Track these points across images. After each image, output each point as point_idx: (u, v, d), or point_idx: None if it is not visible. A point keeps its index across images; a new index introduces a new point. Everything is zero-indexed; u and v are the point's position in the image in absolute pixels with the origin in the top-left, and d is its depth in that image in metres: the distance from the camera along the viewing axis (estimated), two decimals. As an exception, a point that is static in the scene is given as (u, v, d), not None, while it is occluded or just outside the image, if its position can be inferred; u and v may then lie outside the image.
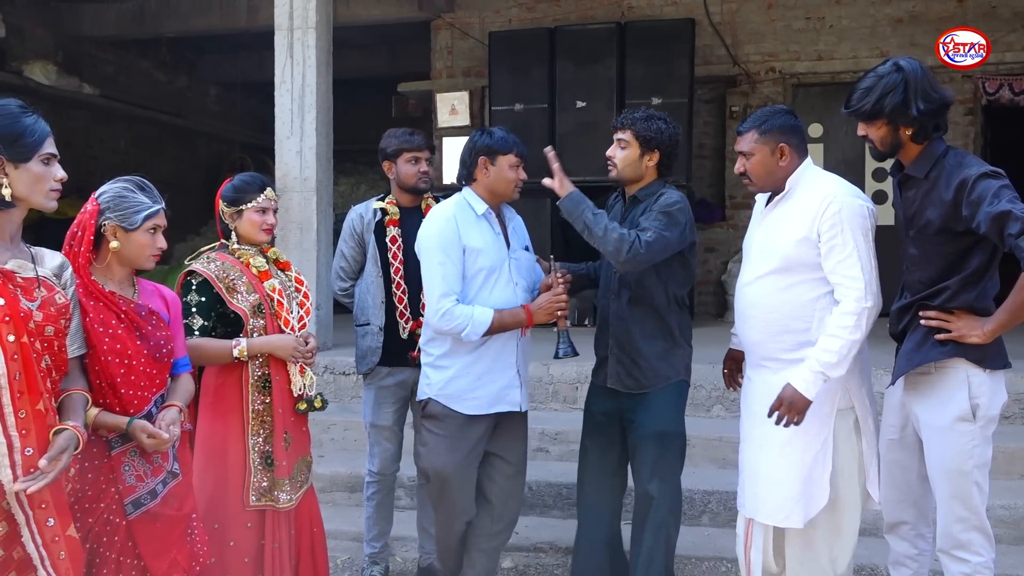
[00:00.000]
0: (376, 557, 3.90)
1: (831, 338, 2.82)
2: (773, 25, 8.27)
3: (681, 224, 3.18)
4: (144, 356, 2.48)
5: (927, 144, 2.77)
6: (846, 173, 9.26)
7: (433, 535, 3.66)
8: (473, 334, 3.13)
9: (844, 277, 2.83)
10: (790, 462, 2.92)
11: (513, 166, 3.26)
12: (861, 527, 4.16)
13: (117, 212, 2.50)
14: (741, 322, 3.11)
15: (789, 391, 2.84)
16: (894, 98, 2.70)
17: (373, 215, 3.76)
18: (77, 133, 10.13)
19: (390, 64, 11.30)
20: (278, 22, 5.91)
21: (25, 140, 2.12)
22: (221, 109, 13.20)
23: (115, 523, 2.41)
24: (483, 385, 3.24)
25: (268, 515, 2.96)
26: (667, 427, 3.29)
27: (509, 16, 8.72)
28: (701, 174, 8.39)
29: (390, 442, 3.83)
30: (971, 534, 2.76)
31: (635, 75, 7.40)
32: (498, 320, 3.15)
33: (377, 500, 3.87)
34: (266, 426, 2.97)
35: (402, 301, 3.70)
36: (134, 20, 9.79)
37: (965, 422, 2.72)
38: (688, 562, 4.07)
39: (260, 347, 2.96)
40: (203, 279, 2.97)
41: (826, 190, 2.90)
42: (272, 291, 3.04)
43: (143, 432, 2.41)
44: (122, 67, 11.31)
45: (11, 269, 2.11)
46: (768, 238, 3.00)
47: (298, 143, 5.88)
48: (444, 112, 8.81)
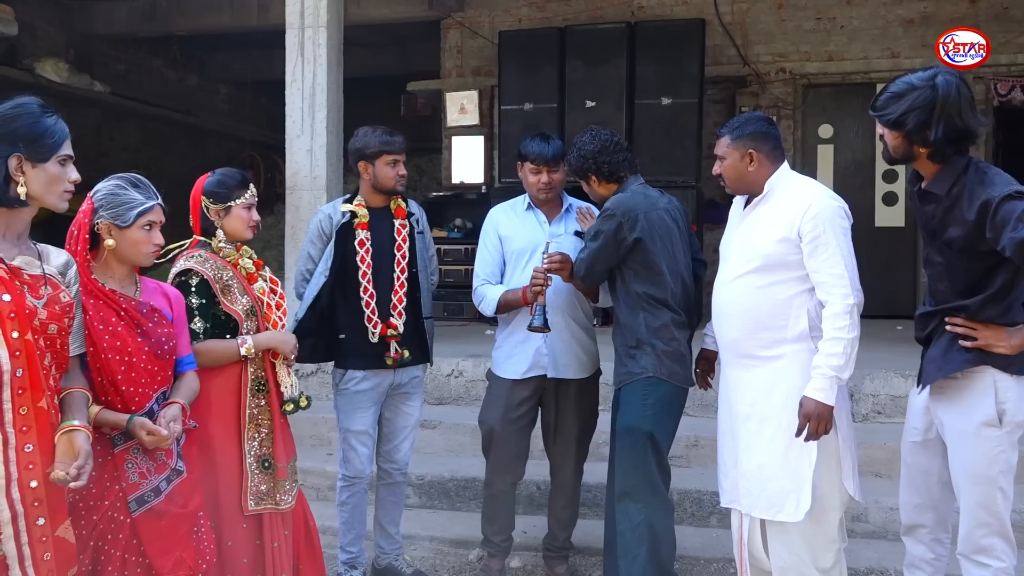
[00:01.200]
0: (354, 561, 3.83)
1: (832, 341, 2.85)
2: (784, 25, 8.24)
3: (610, 226, 3.31)
4: (145, 353, 2.48)
5: (946, 162, 2.73)
6: (856, 174, 9.25)
7: (391, 534, 3.92)
8: (487, 309, 3.69)
9: (829, 275, 2.88)
10: (777, 457, 2.95)
11: (532, 171, 3.65)
12: (870, 529, 4.17)
13: (110, 210, 2.50)
14: (719, 320, 3.16)
15: (810, 404, 2.85)
16: (918, 116, 2.66)
17: (342, 216, 3.66)
18: (88, 131, 10.19)
19: (400, 63, 11.33)
20: (289, 20, 5.92)
21: (45, 141, 2.13)
22: (231, 107, 13.24)
23: (119, 520, 2.42)
24: (517, 354, 3.66)
25: (266, 517, 2.92)
26: (631, 423, 3.33)
27: (519, 15, 8.72)
28: (710, 175, 8.35)
29: (365, 446, 3.75)
30: (993, 539, 2.74)
31: (645, 75, 7.39)
32: (503, 298, 3.62)
33: (352, 504, 3.79)
34: (262, 429, 2.94)
35: (369, 306, 3.61)
36: (145, 18, 9.83)
37: (991, 427, 2.71)
38: (696, 563, 4.06)
39: (265, 343, 2.93)
40: (202, 279, 2.89)
41: (804, 193, 2.98)
42: (262, 293, 3.00)
43: (142, 429, 2.40)
44: (133, 65, 11.36)
45: (18, 266, 2.12)
46: (747, 238, 3.06)
47: (308, 141, 5.88)
48: (453, 111, 8.81)
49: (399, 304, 3.67)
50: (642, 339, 3.34)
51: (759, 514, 3.01)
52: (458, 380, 5.46)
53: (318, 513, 4.38)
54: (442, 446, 5.07)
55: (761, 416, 2.99)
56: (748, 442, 3.03)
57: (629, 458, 3.34)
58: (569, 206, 3.77)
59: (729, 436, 3.14)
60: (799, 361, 2.94)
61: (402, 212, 3.74)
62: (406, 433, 3.85)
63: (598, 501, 4.47)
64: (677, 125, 7.27)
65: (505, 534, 3.88)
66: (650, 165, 7.32)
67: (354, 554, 3.83)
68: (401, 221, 3.73)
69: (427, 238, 3.90)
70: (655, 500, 3.32)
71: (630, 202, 3.36)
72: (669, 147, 7.18)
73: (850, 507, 3.12)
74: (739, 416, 3.06)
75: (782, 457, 2.94)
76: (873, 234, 7.68)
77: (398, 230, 3.71)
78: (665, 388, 3.35)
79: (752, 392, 3.02)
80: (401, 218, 3.73)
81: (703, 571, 4.05)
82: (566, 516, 3.85)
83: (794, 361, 2.95)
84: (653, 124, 7.25)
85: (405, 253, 3.70)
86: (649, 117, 7.29)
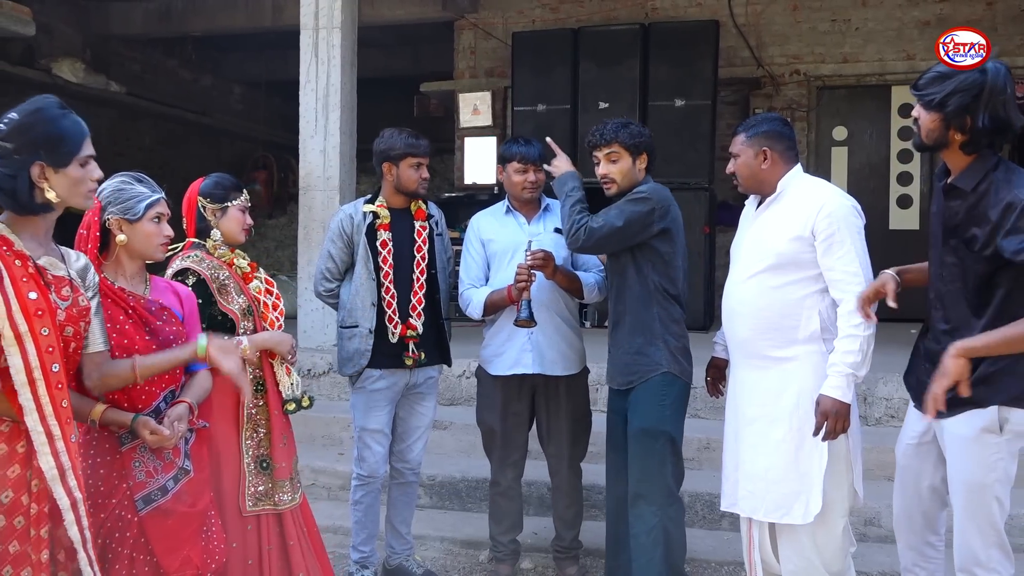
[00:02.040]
0: (365, 561, 3.83)
1: (848, 339, 2.83)
2: (798, 27, 8.21)
3: (643, 208, 3.27)
4: (152, 351, 2.48)
5: (977, 156, 2.65)
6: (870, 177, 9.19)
7: (403, 535, 3.91)
8: (475, 312, 3.71)
9: (844, 273, 2.86)
10: (786, 460, 2.93)
11: (517, 171, 3.70)
12: (883, 534, 4.14)
13: (118, 205, 2.51)
14: (730, 320, 3.13)
15: (827, 402, 2.83)
16: (961, 99, 2.58)
17: (363, 217, 3.69)
18: (103, 130, 10.24)
19: (413, 64, 11.35)
20: (303, 21, 5.94)
21: (65, 147, 2.13)
22: (245, 108, 13.30)
23: (127, 519, 2.42)
24: (504, 351, 3.71)
25: (263, 519, 2.93)
26: (649, 424, 3.29)
27: (532, 17, 8.72)
28: (723, 176, 8.31)
29: (380, 445, 3.76)
30: (990, 551, 2.66)
31: (658, 76, 7.37)
32: (489, 299, 3.67)
33: (366, 503, 3.80)
34: (260, 429, 2.96)
35: (391, 305, 3.64)
36: (160, 19, 9.89)
37: (991, 433, 2.63)
38: (708, 566, 4.05)
39: (262, 343, 2.94)
40: (200, 279, 2.91)
41: (817, 192, 2.99)
42: (258, 292, 3.03)
43: (145, 428, 2.40)
44: (148, 65, 11.42)
45: (43, 265, 2.14)
46: (760, 238, 3.05)
47: (322, 142, 5.90)
48: (466, 112, 8.83)
49: (418, 305, 3.69)
50: (655, 333, 3.32)
51: (764, 517, 2.99)
52: (470, 381, 5.46)
53: (329, 513, 4.43)
54: (453, 447, 5.08)
55: (770, 418, 2.97)
56: (753, 444, 3.01)
57: (646, 460, 3.30)
58: (547, 206, 3.81)
59: (732, 439, 3.12)
60: (811, 363, 2.92)
61: (423, 214, 3.76)
62: (419, 433, 3.86)
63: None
64: (690, 127, 7.25)
65: (512, 535, 3.88)
66: (663, 167, 7.22)
67: (366, 553, 3.83)
68: (421, 223, 3.75)
69: (445, 240, 3.91)
70: (669, 502, 3.31)
71: (664, 192, 3.37)
72: (682, 149, 7.16)
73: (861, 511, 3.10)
74: (745, 418, 3.05)
75: (792, 459, 2.92)
76: (887, 237, 7.66)
77: (419, 232, 3.73)
78: (679, 386, 3.34)
79: (762, 394, 3.00)
80: (422, 220, 3.75)
81: (714, 574, 4.03)
82: (570, 515, 3.87)
83: (806, 362, 2.93)
84: (666, 126, 7.23)
85: (425, 255, 3.72)
86: (662, 119, 7.26)
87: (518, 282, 3.48)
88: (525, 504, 4.08)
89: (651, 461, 3.29)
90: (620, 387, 3.43)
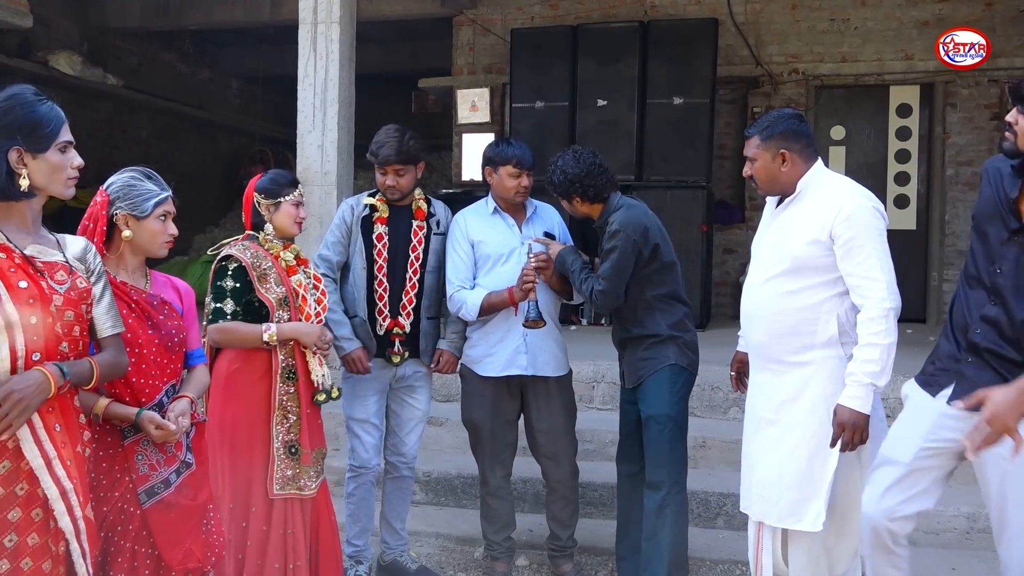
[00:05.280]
0: (359, 555, 3.84)
1: (868, 347, 2.76)
2: (797, 26, 8.22)
3: (622, 244, 3.40)
4: (155, 345, 2.50)
5: None
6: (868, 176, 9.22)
7: (397, 530, 3.96)
8: (468, 314, 3.67)
9: (864, 279, 2.79)
10: (800, 466, 2.91)
11: (512, 175, 3.67)
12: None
13: (127, 201, 2.53)
14: (747, 323, 3.11)
15: (845, 413, 2.78)
16: None
17: (363, 209, 3.74)
18: (100, 124, 10.22)
19: (411, 60, 11.33)
20: (302, 16, 5.92)
21: (42, 130, 2.12)
22: (243, 102, 13.27)
23: (129, 512, 2.43)
24: (495, 352, 3.70)
25: (281, 503, 3.05)
26: (656, 410, 3.46)
27: (531, 13, 8.71)
28: (721, 175, 8.35)
29: (370, 435, 3.78)
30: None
31: (657, 74, 7.36)
32: (487, 300, 3.63)
33: (359, 496, 3.81)
34: (290, 416, 3.09)
35: (382, 299, 3.69)
36: (158, 12, 9.87)
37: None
38: (703, 564, 4.06)
39: (288, 333, 3.10)
40: (240, 265, 3.11)
41: (838, 193, 2.88)
42: (298, 286, 3.17)
43: (151, 423, 2.42)
44: (145, 59, 11.39)
45: (31, 254, 2.13)
46: (779, 239, 2.98)
47: (320, 137, 5.89)
48: (464, 108, 8.82)
49: (408, 305, 3.72)
50: (663, 335, 3.49)
51: (775, 522, 2.97)
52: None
53: (325, 508, 4.42)
54: (449, 443, 5.08)
55: (786, 423, 2.94)
56: (767, 448, 2.99)
57: (660, 445, 3.45)
58: (535, 208, 3.85)
59: (748, 441, 3.10)
60: (828, 368, 2.88)
61: (422, 213, 3.78)
62: (411, 426, 3.88)
63: (604, 500, 4.48)
64: (688, 125, 7.24)
65: (506, 534, 3.90)
66: (661, 165, 7.32)
67: (359, 547, 3.84)
68: (419, 222, 3.77)
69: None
70: (676, 488, 3.47)
71: (634, 218, 3.46)
72: (680, 147, 7.16)
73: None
74: (761, 421, 3.02)
75: (805, 465, 2.89)
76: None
77: (415, 231, 3.76)
78: (686, 376, 3.53)
79: (778, 398, 2.95)
80: (420, 219, 3.77)
81: (709, 572, 4.04)
82: (567, 515, 3.88)
83: (823, 368, 2.88)
84: (664, 124, 7.24)
85: (419, 255, 3.75)
86: (660, 117, 7.26)
87: (525, 283, 3.54)
88: (520, 501, 4.09)
89: (664, 445, 3.45)
90: (632, 384, 3.58)
